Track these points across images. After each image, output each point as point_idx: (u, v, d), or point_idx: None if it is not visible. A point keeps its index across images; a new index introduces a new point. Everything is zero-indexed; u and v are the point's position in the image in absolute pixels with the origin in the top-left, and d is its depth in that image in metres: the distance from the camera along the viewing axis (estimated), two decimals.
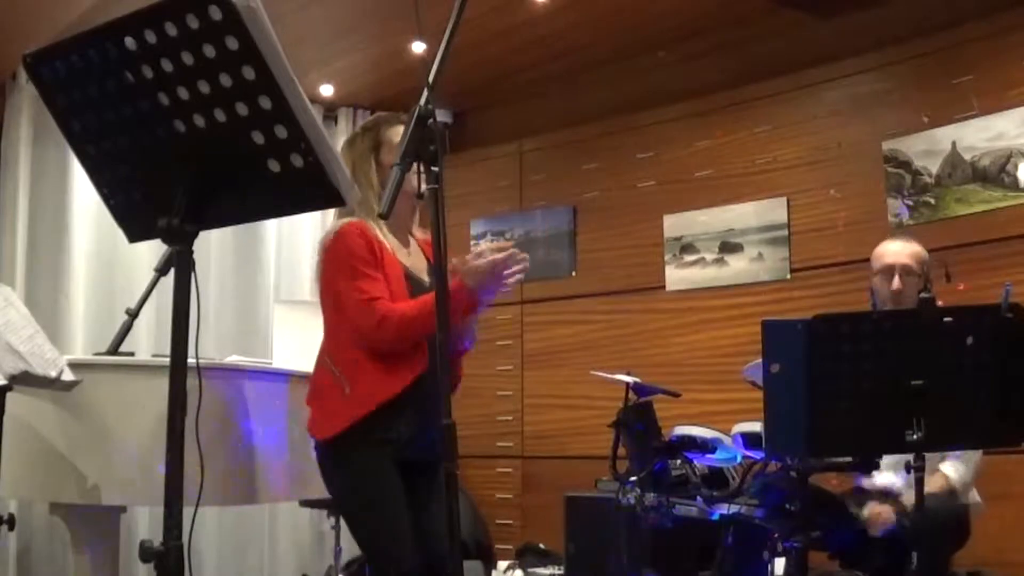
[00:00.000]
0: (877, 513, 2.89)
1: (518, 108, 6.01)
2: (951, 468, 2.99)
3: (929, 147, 4.28)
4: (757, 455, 3.03)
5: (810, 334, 2.32)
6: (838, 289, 4.39)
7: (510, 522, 5.48)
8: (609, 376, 3.76)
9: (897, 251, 3.21)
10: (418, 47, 4.98)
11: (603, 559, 4.12)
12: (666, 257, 5.11)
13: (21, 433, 2.87)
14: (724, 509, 3.01)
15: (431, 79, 1.78)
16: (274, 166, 1.48)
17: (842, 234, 4.52)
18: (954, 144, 4.21)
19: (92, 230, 5.02)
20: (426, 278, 2.67)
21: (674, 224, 5.10)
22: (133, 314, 3.23)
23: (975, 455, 3.04)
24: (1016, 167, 4.04)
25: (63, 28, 4.12)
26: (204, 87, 1.44)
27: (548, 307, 5.52)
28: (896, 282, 3.14)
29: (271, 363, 3.67)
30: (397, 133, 2.62)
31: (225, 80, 1.42)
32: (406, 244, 2.71)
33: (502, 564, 5.23)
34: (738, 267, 4.88)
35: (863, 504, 3.00)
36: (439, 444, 2.55)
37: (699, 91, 5.17)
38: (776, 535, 2.86)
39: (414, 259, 2.70)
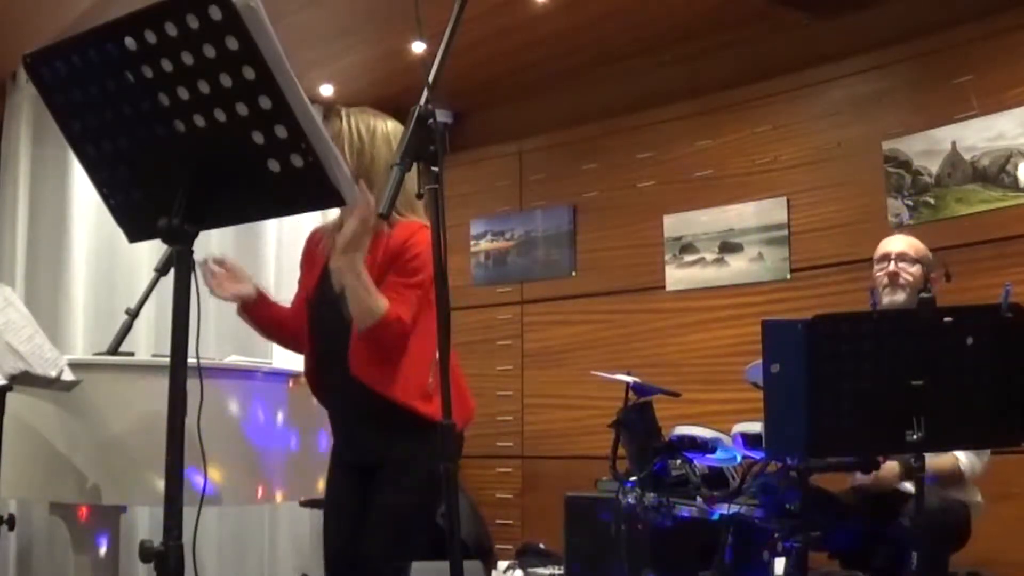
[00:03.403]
0: (887, 469, 2.90)
1: (518, 108, 6.01)
2: (962, 454, 3.00)
3: (929, 147, 4.28)
4: (757, 455, 3.03)
5: (810, 334, 2.32)
6: (838, 289, 4.39)
7: (510, 522, 5.48)
8: (609, 376, 3.76)
9: (893, 240, 3.27)
10: (418, 47, 4.98)
11: (603, 559, 4.12)
12: (666, 257, 5.11)
13: (21, 433, 2.87)
14: (724, 509, 3.01)
15: (431, 79, 1.78)
16: (274, 166, 1.48)
17: (842, 234, 4.53)
18: (954, 144, 4.21)
19: (92, 230, 5.02)
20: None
21: (674, 224, 5.10)
22: (133, 314, 3.23)
23: (986, 451, 3.04)
24: (1016, 167, 4.04)
25: (63, 28, 4.12)
26: (204, 87, 1.44)
27: (548, 307, 5.52)
28: (891, 266, 3.16)
29: (271, 363, 3.67)
30: None
31: (225, 80, 1.42)
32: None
33: (502, 564, 5.22)
34: (738, 267, 4.88)
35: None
36: (358, 449, 2.58)
37: (699, 91, 5.17)
38: (776, 535, 2.85)
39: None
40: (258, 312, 2.65)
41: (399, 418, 2.45)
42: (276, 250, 5.65)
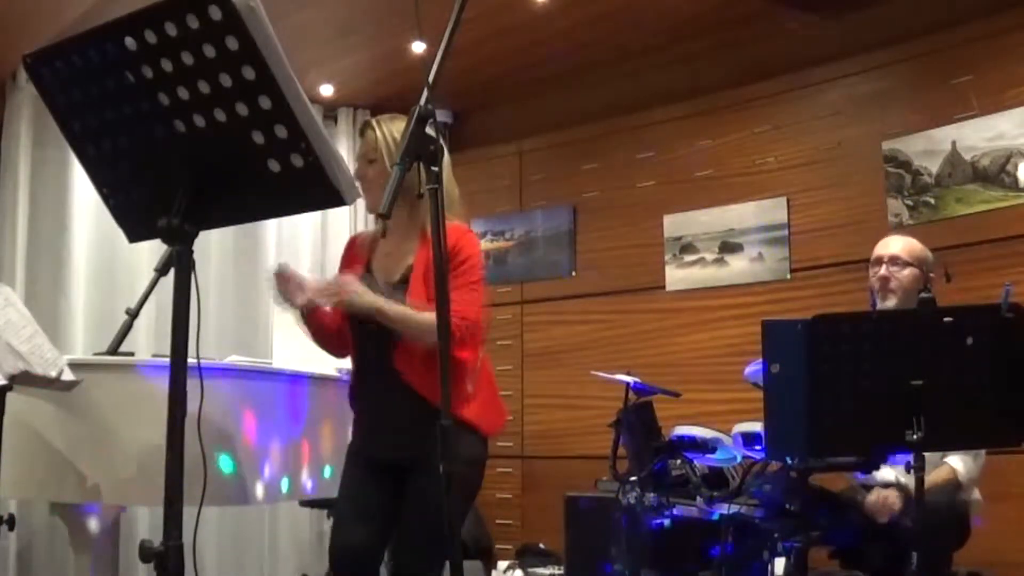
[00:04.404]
0: (883, 498, 2.88)
1: (518, 108, 6.01)
2: (959, 462, 2.99)
3: (929, 147, 4.28)
4: (757, 455, 3.03)
5: (810, 334, 2.32)
6: (838, 289, 4.39)
7: (510, 522, 5.48)
8: (609, 376, 3.76)
9: (888, 242, 3.24)
10: (418, 47, 4.98)
11: (603, 559, 4.12)
12: (666, 257, 5.11)
13: (21, 433, 2.87)
14: (724, 509, 3.01)
15: (431, 79, 1.77)
16: (274, 166, 1.48)
17: (842, 234, 4.53)
18: (954, 144, 4.21)
19: (92, 230, 5.02)
20: (392, 278, 2.62)
21: (674, 224, 5.10)
22: (133, 314, 3.22)
23: (981, 451, 3.04)
24: (1016, 167, 4.04)
25: (63, 28, 4.12)
26: (204, 87, 1.44)
27: (548, 307, 5.52)
28: (882, 270, 3.15)
29: (271, 363, 3.67)
30: None
31: (225, 80, 1.42)
32: (403, 243, 2.65)
33: (502, 564, 5.23)
34: (738, 267, 4.88)
35: (867, 492, 2.99)
36: (392, 447, 2.58)
37: (699, 91, 5.17)
38: (776, 535, 2.85)
39: (390, 261, 2.65)
40: (317, 320, 2.67)
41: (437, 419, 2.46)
42: (276, 250, 5.65)
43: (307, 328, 2.71)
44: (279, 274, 2.59)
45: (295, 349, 3.61)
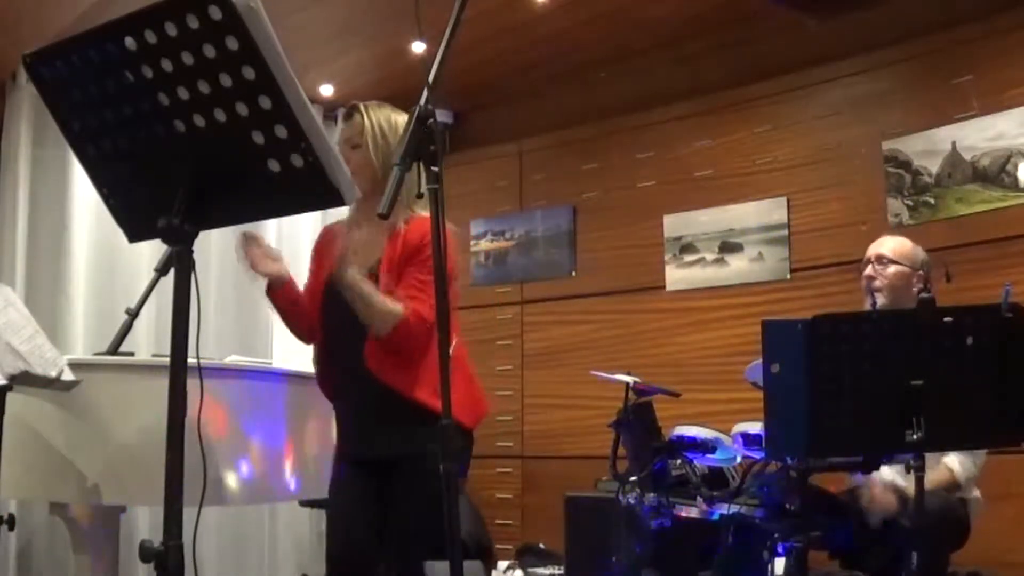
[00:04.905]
0: (879, 499, 2.88)
1: (518, 108, 6.01)
2: (956, 462, 2.99)
3: (929, 147, 4.28)
4: (757, 455, 3.03)
5: (810, 334, 2.32)
6: (838, 289, 4.39)
7: (510, 522, 5.48)
8: (609, 376, 3.75)
9: (878, 243, 3.24)
10: (418, 47, 4.98)
11: (603, 559, 4.12)
12: (666, 257, 5.11)
13: (21, 433, 2.87)
14: (724, 509, 3.01)
15: (431, 79, 1.77)
16: (274, 166, 1.48)
17: (842, 234, 4.53)
18: (954, 144, 4.21)
19: (92, 230, 5.02)
20: (362, 271, 2.59)
21: (674, 224, 5.10)
22: (133, 314, 3.22)
23: (980, 450, 3.04)
24: (1016, 167, 4.04)
25: (63, 28, 4.12)
26: (204, 87, 1.44)
27: (548, 307, 5.52)
28: (868, 269, 3.16)
29: (271, 363, 3.67)
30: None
31: (225, 80, 1.42)
32: (374, 236, 2.64)
33: (502, 564, 5.22)
34: (738, 267, 4.88)
35: (862, 494, 3.00)
36: (375, 447, 2.57)
37: (699, 91, 5.17)
38: (776, 535, 2.85)
39: (361, 253, 2.62)
40: (284, 295, 2.67)
41: (416, 414, 2.44)
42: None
43: (274, 303, 2.68)
44: (250, 237, 2.58)
45: (295, 349, 3.61)
